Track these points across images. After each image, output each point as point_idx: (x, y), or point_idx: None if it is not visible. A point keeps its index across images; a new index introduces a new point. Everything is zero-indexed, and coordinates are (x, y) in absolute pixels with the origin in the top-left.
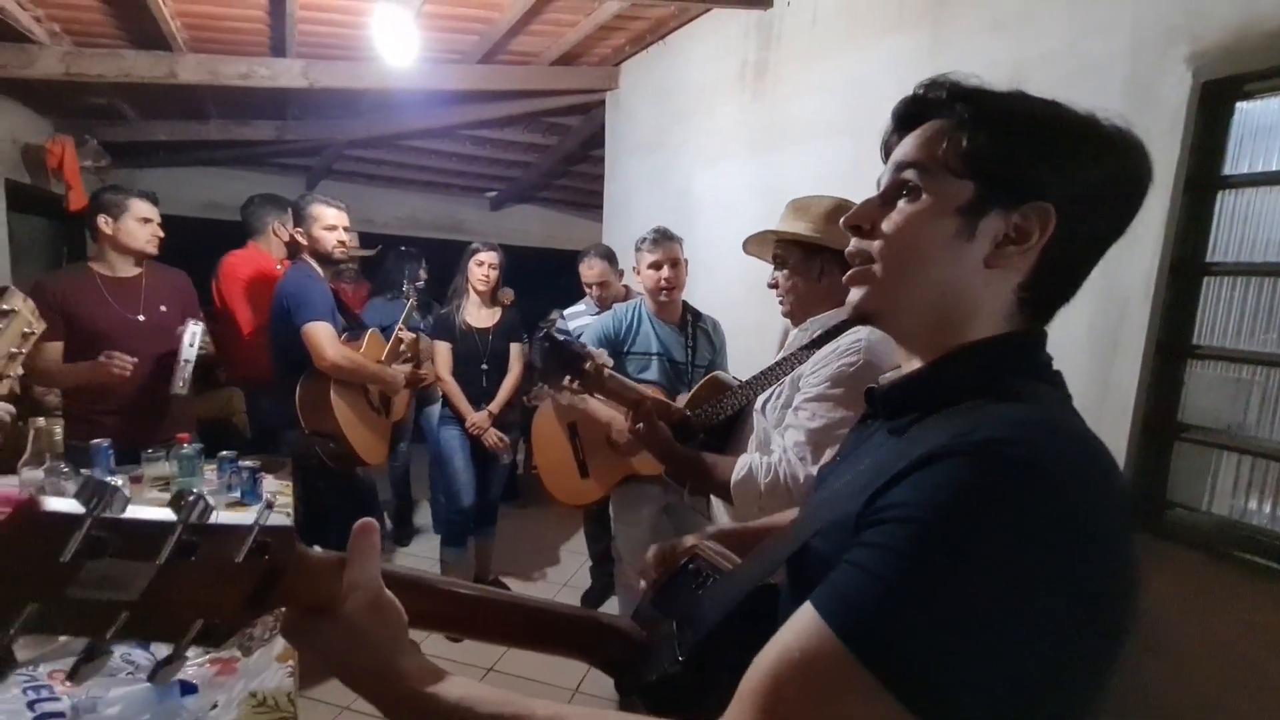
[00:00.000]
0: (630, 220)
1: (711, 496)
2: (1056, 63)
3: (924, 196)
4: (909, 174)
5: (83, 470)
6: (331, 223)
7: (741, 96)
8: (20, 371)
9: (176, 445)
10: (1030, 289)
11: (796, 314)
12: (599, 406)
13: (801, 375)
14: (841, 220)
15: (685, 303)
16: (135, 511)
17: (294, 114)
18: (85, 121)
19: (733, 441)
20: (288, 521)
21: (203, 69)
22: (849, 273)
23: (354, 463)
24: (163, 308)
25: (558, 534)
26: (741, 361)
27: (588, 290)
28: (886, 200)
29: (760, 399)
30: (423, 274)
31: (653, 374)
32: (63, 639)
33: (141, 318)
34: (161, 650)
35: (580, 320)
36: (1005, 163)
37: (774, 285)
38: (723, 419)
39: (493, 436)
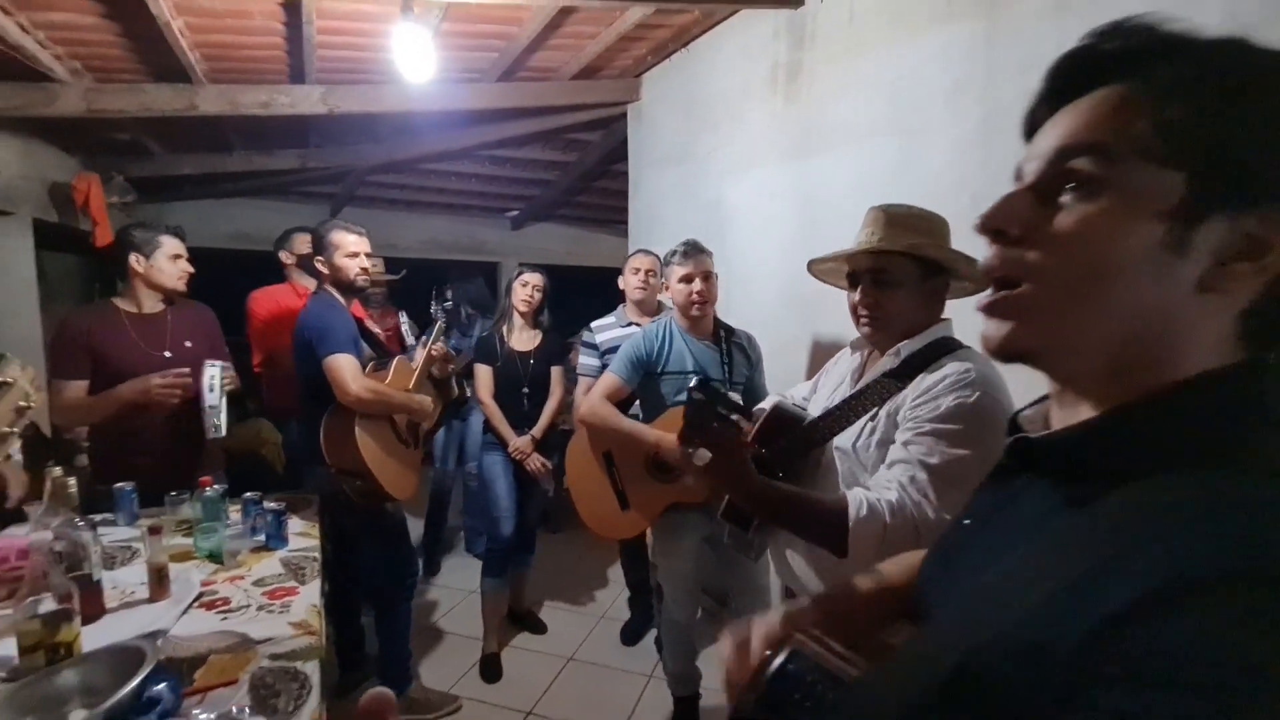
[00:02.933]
0: (657, 234)
1: (764, 540)
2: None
3: (1107, 193)
4: (1082, 162)
5: (106, 517)
6: (353, 249)
7: (773, 101)
8: (15, 450)
9: (200, 489)
10: (1259, 315)
11: (888, 338)
12: (649, 431)
13: (899, 408)
14: (977, 222)
15: (717, 318)
16: None
17: (315, 142)
18: (111, 158)
19: (796, 480)
20: None
21: (223, 99)
22: (991, 298)
23: (383, 499)
24: (188, 343)
25: (592, 561)
26: (779, 380)
27: (631, 290)
28: (1044, 197)
29: (847, 435)
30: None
31: None
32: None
33: (168, 354)
34: None
35: (609, 333)
36: (1233, 147)
37: (868, 303)
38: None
39: (535, 462)
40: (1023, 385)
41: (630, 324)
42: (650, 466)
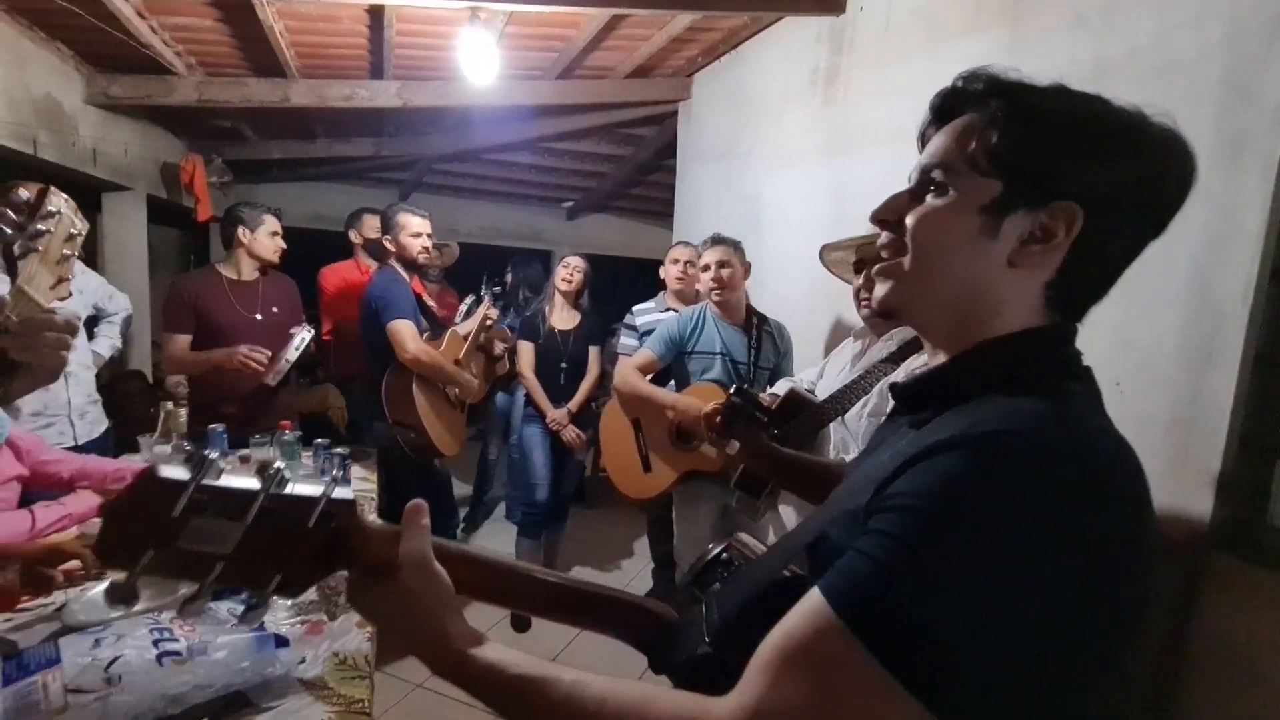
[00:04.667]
0: (698, 227)
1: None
2: (1143, 59)
3: (950, 193)
4: (936, 174)
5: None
6: (416, 230)
7: (812, 103)
8: (115, 343)
9: (279, 432)
10: (1058, 287)
11: (888, 324)
12: (666, 395)
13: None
14: (870, 214)
15: (751, 306)
16: (229, 480)
17: (390, 132)
18: (212, 142)
19: (798, 447)
20: (351, 494)
21: (312, 93)
22: (878, 266)
23: (432, 453)
24: (275, 309)
25: (622, 537)
26: (805, 366)
27: (670, 280)
28: (915, 195)
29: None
30: (508, 279)
31: (716, 373)
32: (180, 591)
33: (259, 317)
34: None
35: (647, 316)
36: (1033, 161)
37: (870, 287)
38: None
39: (571, 432)
40: None
41: (669, 309)
42: (673, 435)
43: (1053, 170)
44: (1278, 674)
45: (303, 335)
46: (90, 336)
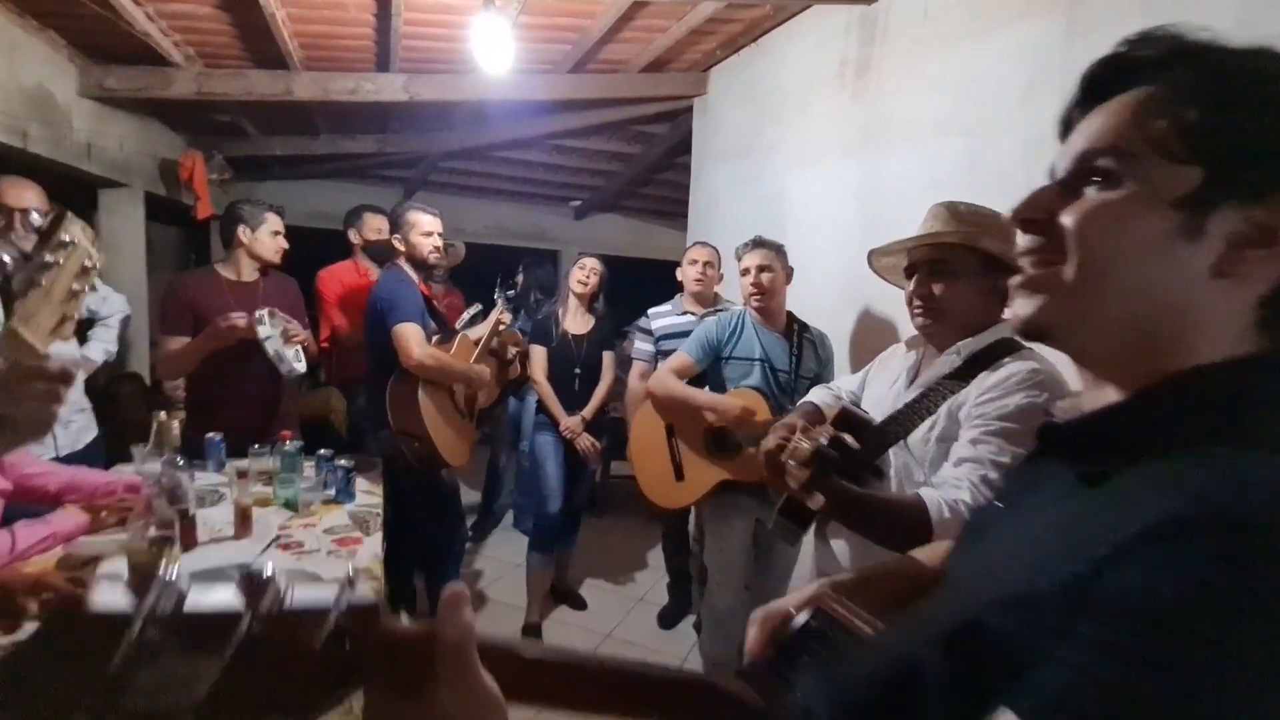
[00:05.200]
0: (715, 227)
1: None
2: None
3: (1126, 184)
4: (1105, 161)
5: (196, 462)
6: (427, 229)
7: (840, 96)
8: (110, 349)
9: (280, 442)
10: (1277, 304)
11: (947, 335)
12: (706, 396)
13: (962, 405)
14: (1010, 212)
15: (791, 313)
16: (197, 597)
17: (394, 128)
18: (212, 138)
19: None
20: (371, 597)
21: (315, 86)
22: (1020, 277)
23: (438, 464)
24: (276, 311)
25: (634, 546)
26: (838, 376)
27: (689, 282)
28: (1069, 188)
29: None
30: (519, 280)
31: (754, 380)
32: None
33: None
34: None
35: (664, 320)
36: (1247, 142)
37: (925, 296)
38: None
39: (585, 441)
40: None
41: (686, 313)
42: (707, 443)
43: (1273, 156)
44: None
45: (260, 313)
46: (82, 340)
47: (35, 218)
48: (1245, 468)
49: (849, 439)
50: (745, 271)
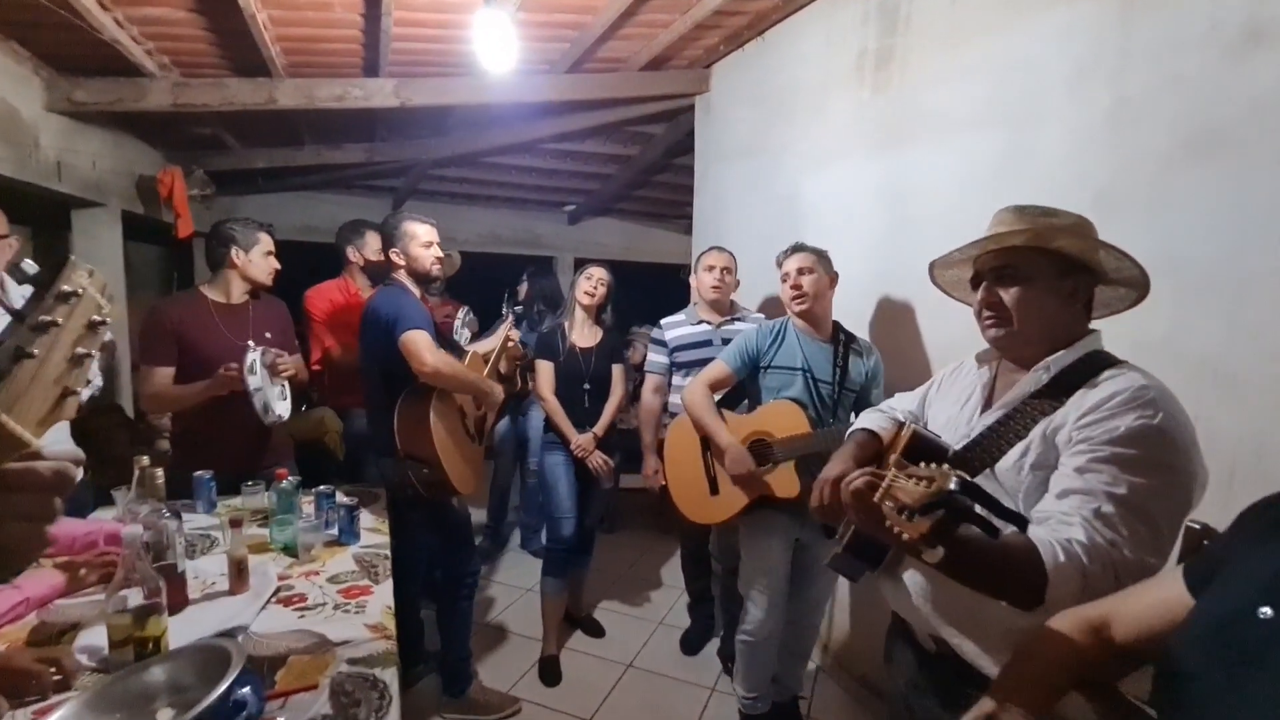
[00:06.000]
0: (724, 230)
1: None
2: None
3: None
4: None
5: (185, 503)
6: (426, 239)
7: (859, 91)
8: (94, 381)
9: (276, 481)
10: None
11: (1024, 347)
12: (717, 427)
13: (1059, 428)
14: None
15: (838, 323)
16: None
17: (382, 136)
18: (192, 152)
19: None
20: None
21: (300, 93)
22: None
23: (448, 491)
24: (268, 334)
25: (650, 564)
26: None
27: (705, 290)
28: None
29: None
30: (521, 290)
31: (795, 391)
32: None
33: (251, 343)
34: None
35: (678, 330)
36: None
37: (993, 305)
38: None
39: (598, 459)
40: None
41: (702, 322)
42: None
43: None
44: None
45: (251, 357)
46: None
47: (29, 266)
48: None
49: (980, 483)
50: (785, 276)
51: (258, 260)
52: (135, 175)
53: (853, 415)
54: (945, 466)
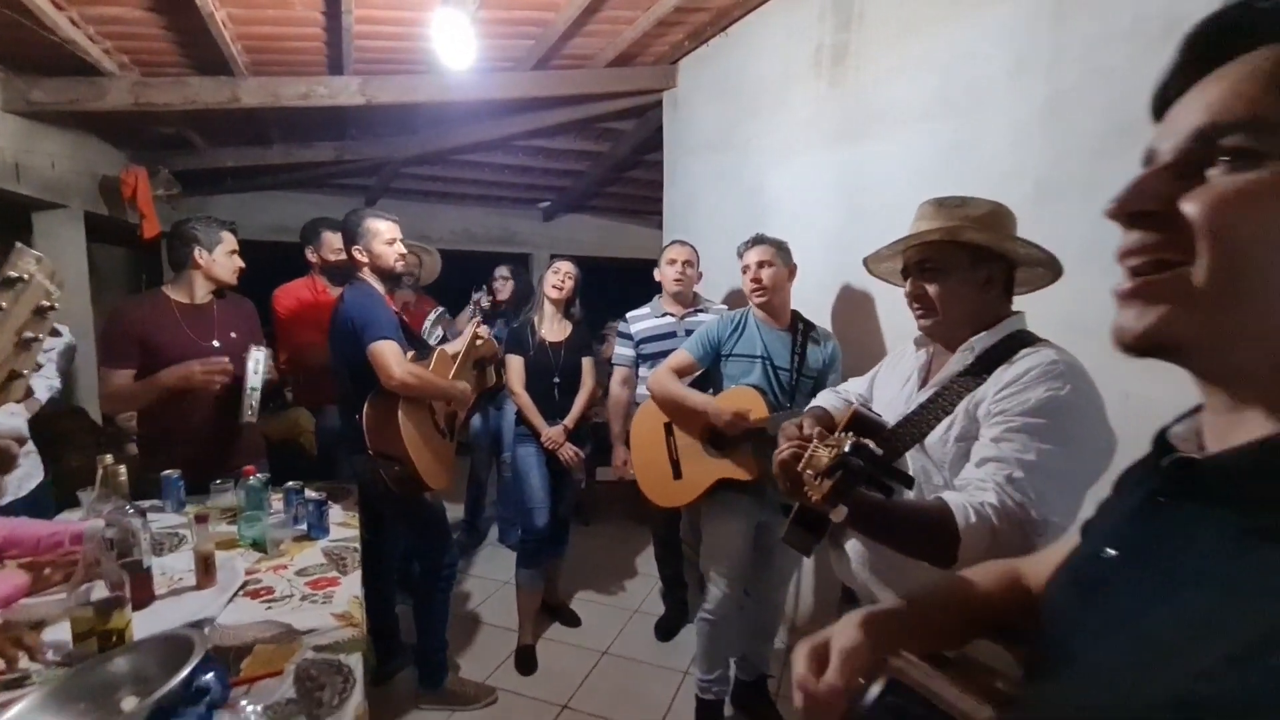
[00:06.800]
0: (693, 224)
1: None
2: None
3: (1267, 163)
4: (1235, 139)
5: (153, 503)
6: (389, 236)
7: (817, 85)
8: (53, 384)
9: (244, 478)
10: None
11: (951, 332)
12: (700, 398)
13: (980, 403)
14: (1111, 205)
15: (796, 311)
16: None
17: (352, 134)
18: (157, 152)
19: None
20: None
21: (264, 91)
22: (1134, 283)
23: (419, 488)
24: (233, 334)
25: (625, 554)
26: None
27: (668, 282)
28: (1186, 172)
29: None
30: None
31: (754, 378)
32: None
33: (216, 344)
34: None
35: (643, 323)
36: None
37: (919, 296)
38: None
39: (568, 451)
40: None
41: (665, 314)
42: (705, 441)
43: None
44: None
45: (256, 356)
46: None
47: None
48: None
49: (873, 445)
50: (746, 269)
51: (221, 259)
52: (98, 176)
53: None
54: (847, 434)
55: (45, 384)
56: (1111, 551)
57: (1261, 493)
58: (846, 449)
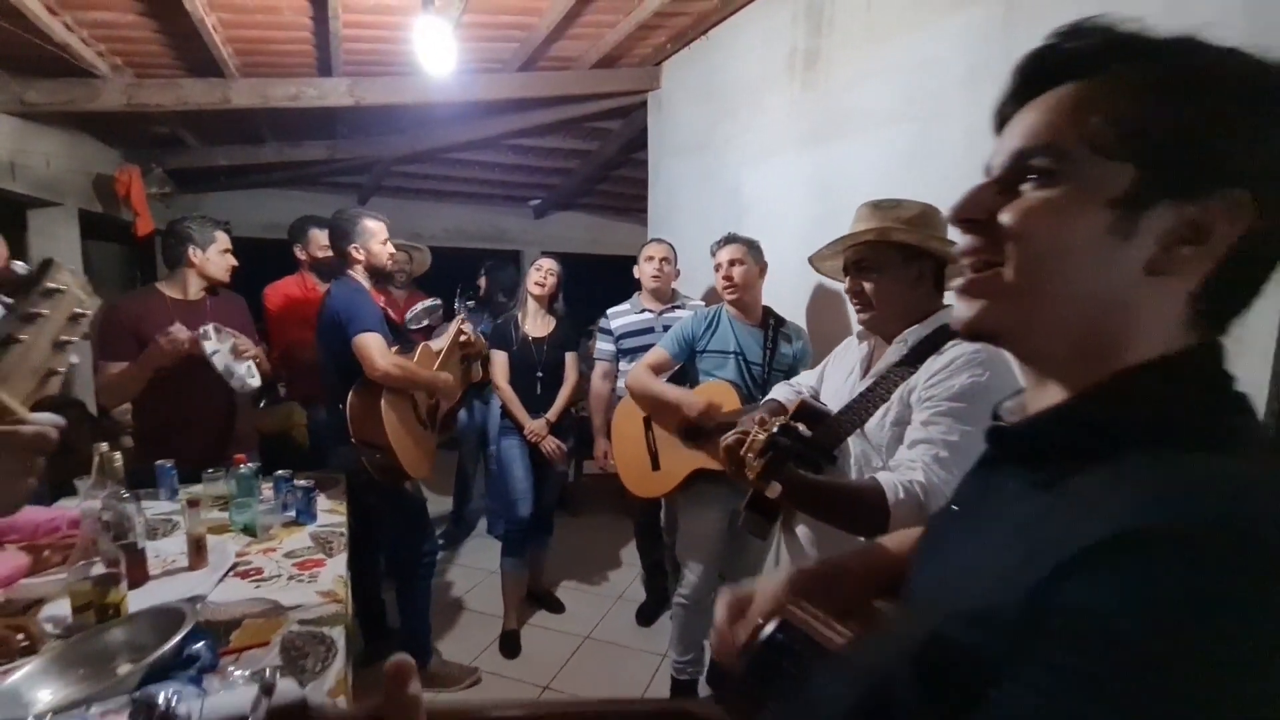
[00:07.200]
0: (676, 223)
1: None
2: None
3: (1062, 183)
4: (1040, 160)
5: (147, 491)
6: (384, 236)
7: (791, 88)
8: (74, 362)
9: (235, 466)
10: (1209, 298)
11: (887, 326)
12: (674, 391)
13: (913, 390)
14: (949, 212)
15: (768, 308)
16: None
17: (343, 133)
18: (151, 150)
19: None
20: (296, 694)
21: (254, 92)
22: (965, 280)
23: (400, 476)
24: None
25: (609, 543)
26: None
27: (646, 279)
28: (1006, 187)
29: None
30: (481, 283)
31: (727, 372)
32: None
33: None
34: None
35: (623, 319)
36: (1182, 140)
37: (857, 293)
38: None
39: (550, 443)
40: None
41: (644, 310)
42: (682, 433)
43: (1208, 151)
44: None
45: (205, 328)
46: None
47: (19, 266)
48: (1195, 472)
49: (801, 427)
50: (718, 266)
51: (215, 258)
52: (92, 174)
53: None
54: (776, 419)
55: None
56: (955, 507)
57: (1041, 452)
58: (775, 430)
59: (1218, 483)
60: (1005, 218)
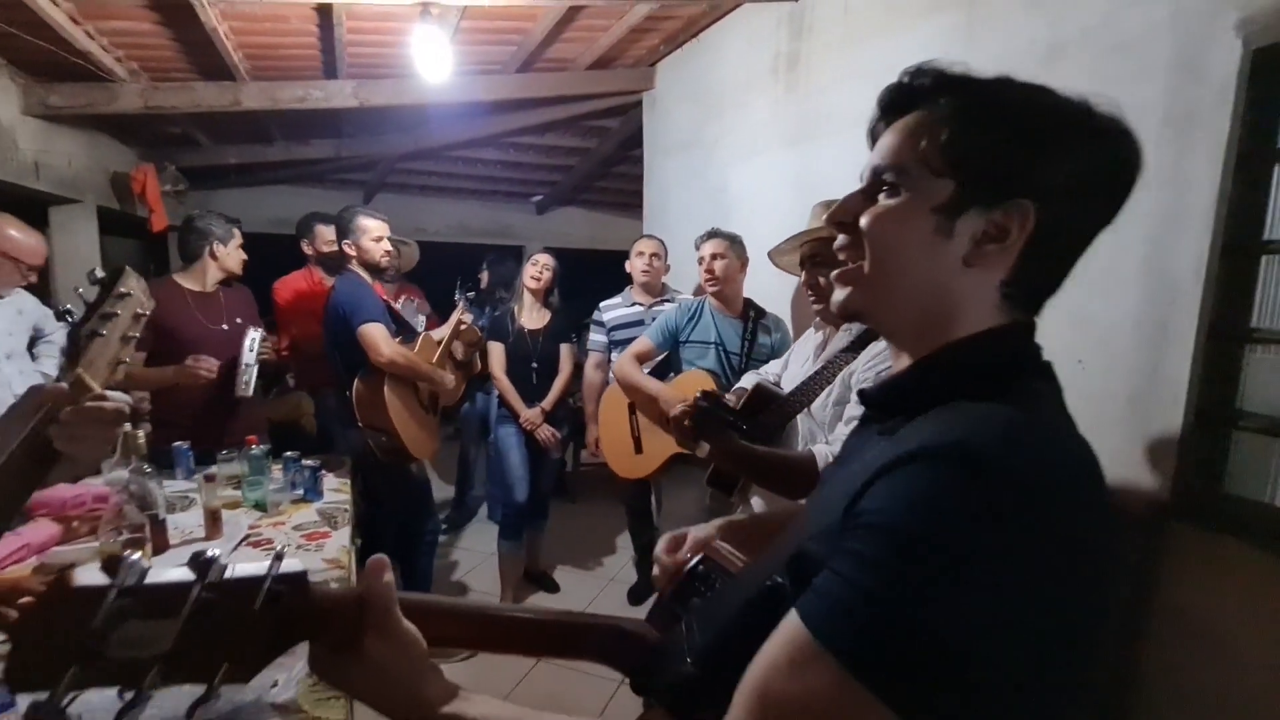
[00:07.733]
0: (668, 220)
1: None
2: (1095, 38)
3: (903, 193)
4: (888, 175)
5: (165, 471)
6: (377, 234)
7: (775, 90)
8: (134, 354)
9: (247, 447)
10: (1015, 284)
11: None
12: (654, 384)
13: (854, 373)
14: (824, 216)
15: (749, 300)
16: (156, 576)
17: (349, 132)
18: (165, 149)
19: (768, 441)
20: (299, 566)
21: (264, 95)
22: (837, 270)
23: (405, 457)
24: (238, 319)
25: (604, 531)
26: None
27: (636, 274)
28: (869, 195)
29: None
30: (483, 277)
31: (708, 362)
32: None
33: (225, 328)
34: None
35: (615, 312)
36: (984, 160)
37: (813, 285)
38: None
39: (545, 432)
40: None
41: (635, 304)
42: (662, 419)
43: (1004, 169)
44: (1236, 636)
45: (252, 336)
46: (33, 358)
47: (97, 272)
48: (975, 413)
49: (729, 397)
50: (701, 260)
51: (234, 253)
52: (110, 172)
53: None
54: (706, 389)
55: (55, 364)
56: (837, 460)
57: (889, 408)
58: (697, 395)
59: (991, 422)
60: (863, 221)
